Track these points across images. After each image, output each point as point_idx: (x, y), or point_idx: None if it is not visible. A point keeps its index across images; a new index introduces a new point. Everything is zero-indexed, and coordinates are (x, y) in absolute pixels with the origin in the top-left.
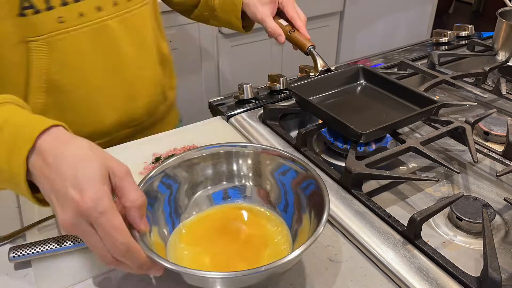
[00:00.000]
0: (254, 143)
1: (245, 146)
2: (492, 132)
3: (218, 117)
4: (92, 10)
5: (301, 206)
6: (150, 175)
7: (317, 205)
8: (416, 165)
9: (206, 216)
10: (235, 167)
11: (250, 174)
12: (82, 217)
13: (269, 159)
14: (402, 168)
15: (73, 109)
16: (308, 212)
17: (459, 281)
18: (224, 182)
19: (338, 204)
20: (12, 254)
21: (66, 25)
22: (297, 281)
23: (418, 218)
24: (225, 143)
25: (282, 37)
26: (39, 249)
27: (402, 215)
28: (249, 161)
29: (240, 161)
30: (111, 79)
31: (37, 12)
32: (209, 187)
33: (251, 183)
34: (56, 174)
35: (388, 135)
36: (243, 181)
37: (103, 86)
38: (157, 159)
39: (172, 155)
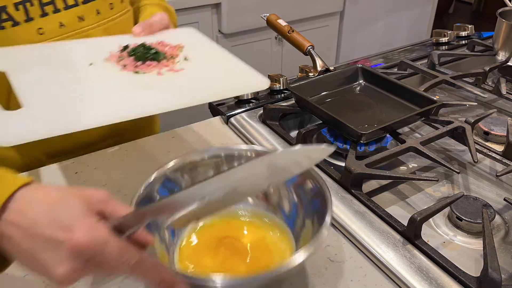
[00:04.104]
0: (255, 145)
1: (247, 149)
2: (492, 132)
3: (218, 117)
4: (73, 20)
5: (304, 209)
6: (151, 178)
7: (320, 209)
8: (416, 165)
9: (207, 222)
10: None
11: None
12: (82, 256)
13: None
14: (402, 168)
15: None
16: (311, 216)
17: (459, 281)
18: None
19: (338, 204)
20: None
21: (46, 37)
22: (298, 281)
23: (418, 218)
24: (227, 146)
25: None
26: None
27: (402, 215)
28: None
29: None
30: None
31: (16, 24)
32: None
33: None
34: (34, 227)
35: (388, 135)
36: None
37: None
38: (125, 48)
39: (142, 44)
